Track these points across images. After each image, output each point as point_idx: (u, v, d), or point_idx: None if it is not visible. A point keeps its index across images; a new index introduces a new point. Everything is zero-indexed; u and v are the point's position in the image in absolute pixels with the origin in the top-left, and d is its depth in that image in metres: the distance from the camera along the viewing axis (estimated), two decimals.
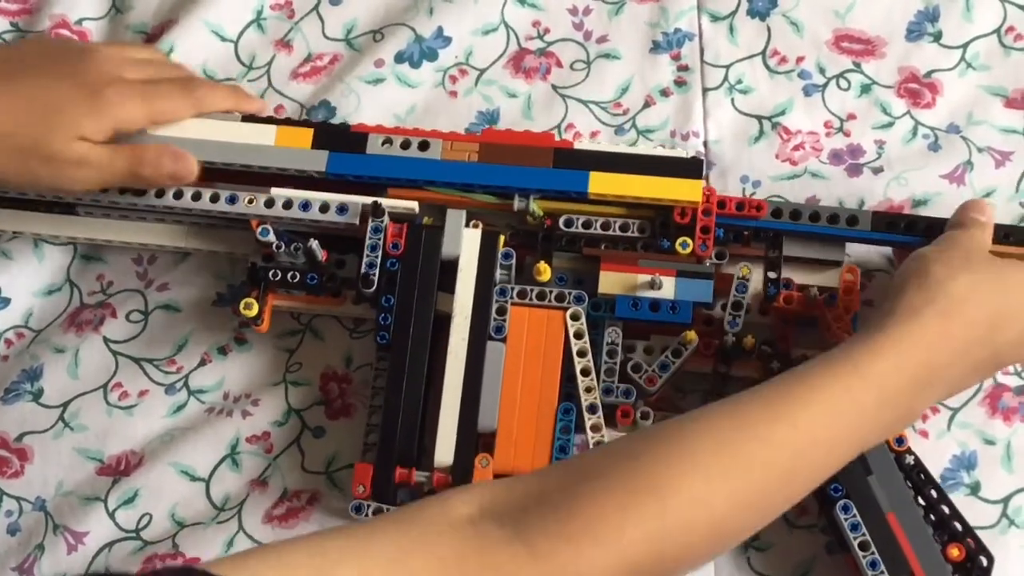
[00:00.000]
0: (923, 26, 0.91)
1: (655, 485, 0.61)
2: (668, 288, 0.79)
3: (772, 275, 0.80)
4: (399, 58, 0.91)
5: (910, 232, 0.80)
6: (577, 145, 0.82)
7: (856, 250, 0.84)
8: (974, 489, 0.80)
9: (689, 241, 0.80)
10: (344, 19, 0.94)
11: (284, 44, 0.93)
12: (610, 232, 0.81)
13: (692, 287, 0.79)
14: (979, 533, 0.78)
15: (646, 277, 0.79)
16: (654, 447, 0.63)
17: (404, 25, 0.92)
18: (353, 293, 0.81)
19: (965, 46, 0.90)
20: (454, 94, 0.91)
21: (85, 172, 0.79)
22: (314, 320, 0.85)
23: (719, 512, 0.62)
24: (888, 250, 0.84)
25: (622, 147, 0.82)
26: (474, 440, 0.77)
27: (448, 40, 0.92)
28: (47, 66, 0.80)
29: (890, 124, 0.88)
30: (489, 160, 0.82)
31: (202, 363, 0.85)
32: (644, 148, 0.81)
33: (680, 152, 0.81)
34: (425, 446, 0.78)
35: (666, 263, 0.79)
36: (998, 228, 0.79)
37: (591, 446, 0.76)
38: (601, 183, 0.80)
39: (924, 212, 0.85)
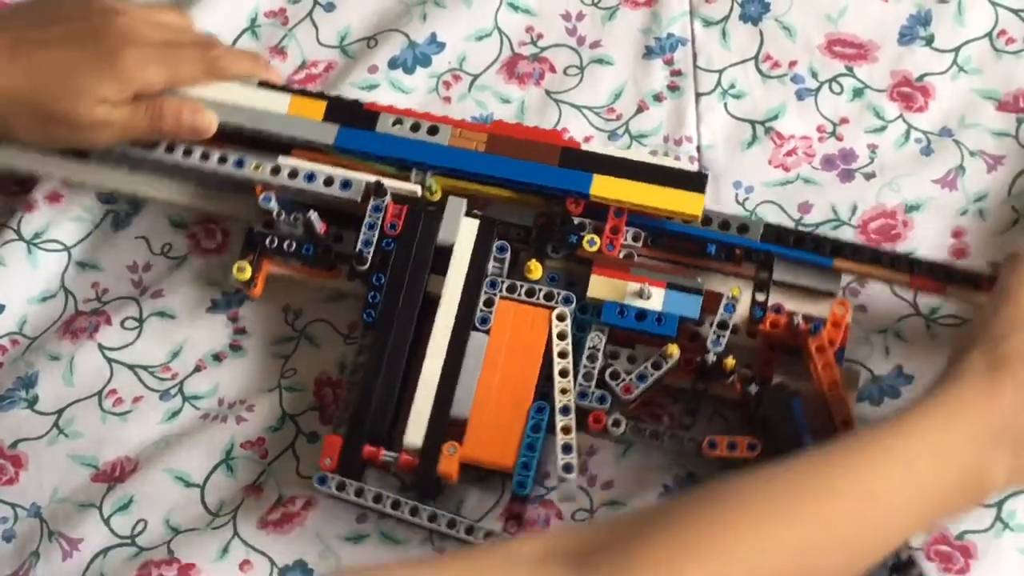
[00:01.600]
0: (915, 30, 0.91)
1: (717, 535, 0.61)
2: (657, 299, 0.79)
3: (760, 297, 0.79)
4: (393, 64, 0.92)
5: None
6: (585, 147, 0.82)
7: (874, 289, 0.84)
8: None
9: (596, 239, 0.80)
10: (338, 26, 0.94)
11: (279, 51, 0.93)
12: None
13: (681, 301, 0.79)
14: (973, 537, 0.78)
15: (636, 286, 0.79)
16: (720, 501, 0.63)
17: (398, 31, 0.93)
18: (347, 268, 0.82)
19: (957, 50, 0.90)
20: (448, 100, 0.91)
21: (106, 132, 0.81)
22: (309, 326, 0.86)
23: (778, 564, 0.62)
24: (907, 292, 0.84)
25: (632, 152, 0.82)
26: (445, 426, 0.77)
27: (441, 46, 0.92)
28: (69, 28, 0.81)
29: (883, 128, 0.89)
30: (496, 151, 0.82)
31: (197, 369, 0.85)
32: (651, 158, 0.81)
33: (686, 165, 0.81)
34: (397, 428, 0.78)
35: (658, 274, 0.79)
36: None
37: (559, 447, 0.76)
38: (603, 187, 0.80)
39: (916, 217, 0.86)
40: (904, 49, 0.91)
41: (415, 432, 0.77)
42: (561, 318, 0.79)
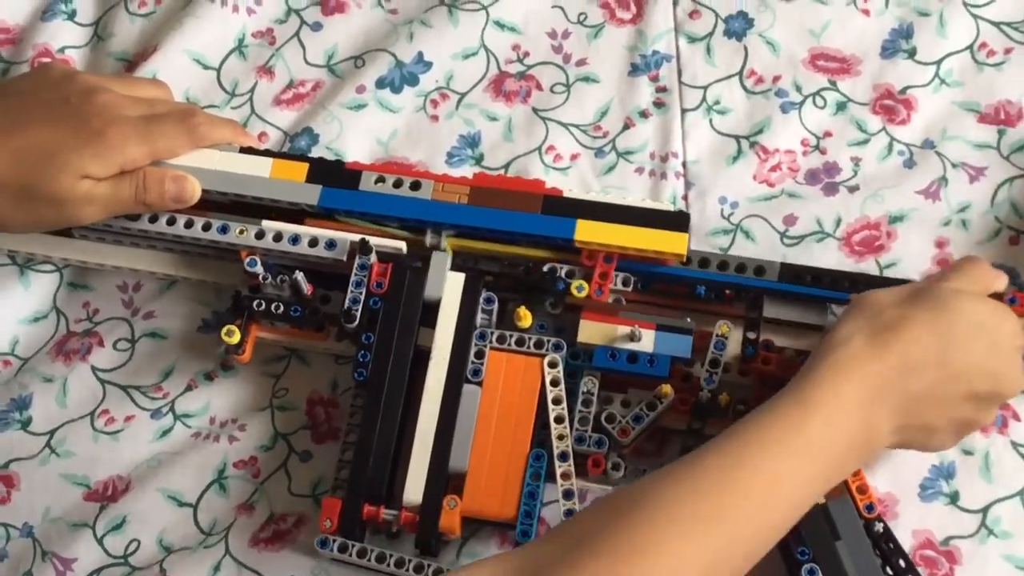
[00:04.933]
0: (897, 43, 0.92)
1: (642, 550, 0.62)
2: (647, 341, 0.79)
3: (751, 335, 0.80)
4: (380, 84, 0.92)
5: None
6: (566, 194, 0.82)
7: None
8: (953, 498, 0.80)
9: (584, 285, 0.80)
10: (325, 46, 0.95)
11: (266, 71, 0.94)
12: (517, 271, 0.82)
13: (671, 341, 0.79)
14: (958, 543, 0.79)
15: (626, 328, 0.79)
16: (637, 509, 0.64)
17: (384, 51, 0.93)
18: (336, 329, 0.82)
19: (939, 62, 0.91)
20: (435, 118, 0.92)
21: (91, 208, 0.81)
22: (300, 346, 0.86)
23: (700, 566, 0.64)
24: None
25: (611, 196, 0.82)
26: (444, 481, 0.77)
27: (428, 65, 0.93)
28: (49, 110, 0.81)
29: (866, 141, 0.89)
30: (479, 203, 0.82)
31: (188, 389, 0.86)
32: (631, 199, 0.82)
33: (667, 205, 0.82)
34: (395, 484, 0.78)
35: (647, 316, 0.80)
36: None
37: (560, 493, 0.77)
38: (587, 231, 0.81)
39: (900, 228, 0.86)
40: (887, 62, 0.92)
41: (414, 489, 0.77)
42: (553, 365, 0.79)
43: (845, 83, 0.91)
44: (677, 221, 0.81)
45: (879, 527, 0.76)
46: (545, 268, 0.81)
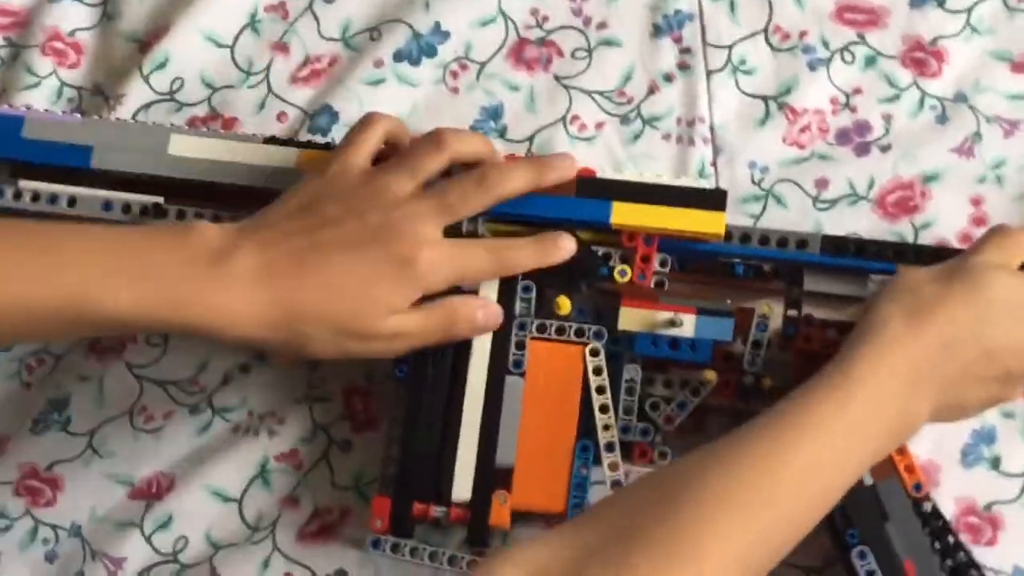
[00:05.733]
0: None
1: (691, 545, 0.62)
2: (688, 326, 0.78)
3: (792, 313, 0.79)
4: (398, 57, 0.90)
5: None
6: (600, 175, 0.81)
7: None
8: (994, 463, 0.80)
9: (627, 269, 0.79)
10: (339, 17, 0.92)
11: (280, 47, 0.92)
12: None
13: (712, 325, 0.78)
14: (1001, 508, 0.79)
15: (666, 314, 0.78)
16: (683, 501, 0.64)
17: (401, 22, 0.91)
18: None
19: (970, 10, 0.89)
20: (456, 90, 0.90)
21: (400, 343, 0.76)
22: None
23: (751, 554, 0.64)
24: None
25: (646, 176, 0.81)
26: (492, 475, 0.77)
27: (446, 35, 0.91)
28: (349, 230, 0.74)
29: (896, 97, 0.88)
30: None
31: (225, 382, 0.86)
32: (666, 178, 0.80)
33: (704, 183, 0.80)
34: (442, 479, 0.78)
35: (687, 300, 0.79)
36: None
37: (609, 484, 0.77)
38: (624, 213, 0.79)
39: (934, 188, 0.85)
40: (915, 12, 0.89)
41: (463, 485, 0.77)
42: (595, 353, 0.79)
43: (874, 36, 0.89)
44: (714, 199, 0.80)
45: (928, 507, 0.76)
46: (590, 253, 0.80)
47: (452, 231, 0.77)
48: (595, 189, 0.80)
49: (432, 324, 0.76)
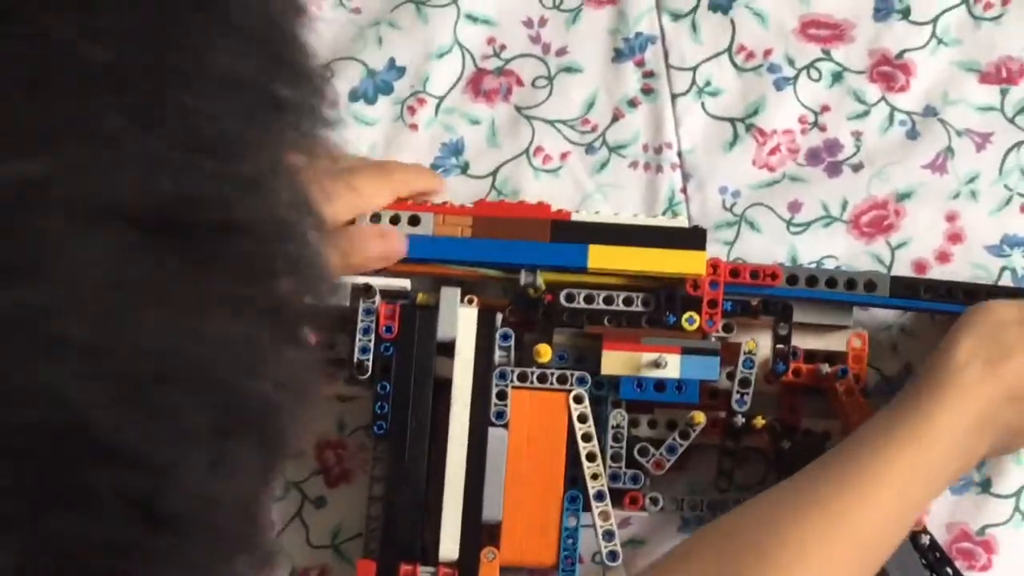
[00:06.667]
0: (891, 3, 0.88)
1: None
2: (673, 366, 0.76)
3: (781, 347, 0.77)
4: (353, 96, 0.87)
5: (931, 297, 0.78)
6: (575, 217, 0.79)
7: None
8: (985, 486, 0.79)
9: (696, 316, 0.77)
10: None
11: None
12: (613, 307, 0.78)
13: (698, 365, 0.76)
14: (994, 531, 0.78)
15: (650, 356, 0.76)
16: (759, 563, 0.64)
17: (354, 59, 0.88)
18: (344, 372, 0.79)
19: (935, 20, 0.87)
20: (415, 127, 0.87)
21: None
22: None
23: None
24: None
25: (622, 216, 0.79)
26: (479, 532, 0.75)
27: (401, 71, 0.88)
28: None
29: (866, 113, 0.86)
30: (483, 234, 0.78)
31: None
32: (642, 218, 0.78)
33: (681, 222, 0.78)
34: (427, 536, 0.76)
35: (670, 340, 0.77)
36: None
37: (600, 535, 0.75)
38: (601, 257, 0.77)
39: (908, 205, 0.84)
40: (881, 25, 0.87)
41: (449, 545, 0.75)
42: (579, 400, 0.77)
43: (839, 51, 0.87)
44: (693, 238, 0.78)
45: (925, 540, 0.75)
46: (651, 301, 0.78)
47: None
48: (570, 233, 0.78)
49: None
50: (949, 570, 0.75)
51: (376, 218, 0.79)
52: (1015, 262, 0.83)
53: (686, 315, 0.77)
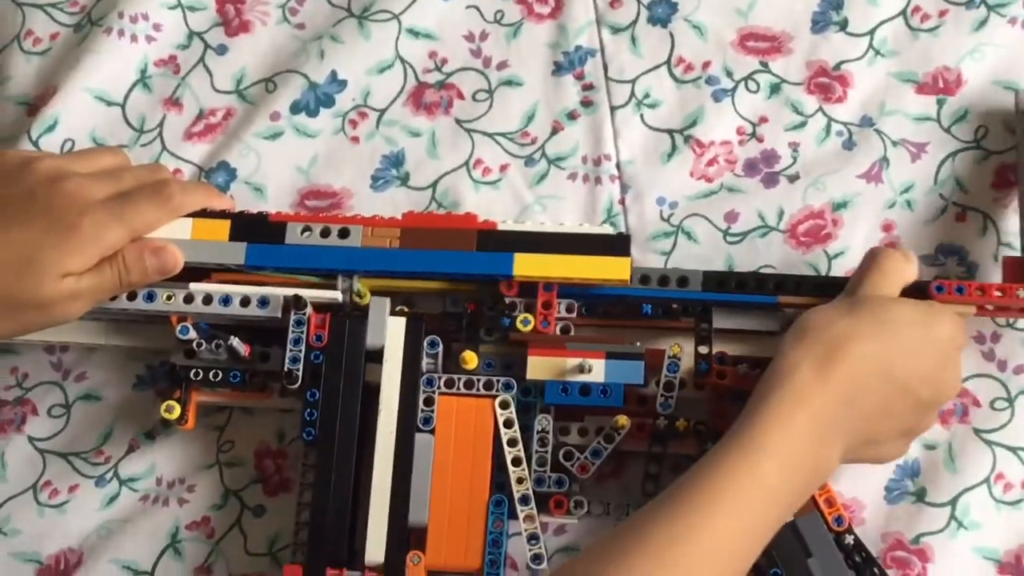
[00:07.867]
0: (828, 15, 0.89)
1: None
2: (598, 371, 0.77)
3: (703, 350, 0.78)
4: (295, 108, 0.88)
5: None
6: (501, 226, 0.79)
7: None
8: (920, 495, 0.79)
9: (530, 318, 0.78)
10: (232, 70, 0.90)
11: (173, 102, 0.90)
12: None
13: (623, 369, 0.77)
14: (929, 539, 0.78)
15: (575, 360, 0.77)
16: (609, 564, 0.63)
17: (296, 72, 0.89)
18: (279, 385, 0.79)
19: (872, 32, 0.88)
20: (356, 139, 0.88)
21: (77, 304, 0.76)
22: None
23: None
24: None
25: (547, 226, 0.79)
26: (405, 536, 0.75)
27: (343, 84, 0.89)
28: (16, 207, 0.75)
29: (803, 124, 0.87)
30: (411, 245, 0.79)
31: (130, 450, 0.83)
32: (569, 226, 0.79)
33: (607, 229, 0.79)
34: (356, 542, 0.76)
35: (595, 345, 0.77)
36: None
37: (525, 538, 0.75)
38: (527, 265, 0.78)
39: (845, 215, 0.84)
40: (818, 37, 0.88)
41: (375, 549, 0.75)
42: (504, 405, 0.77)
43: (777, 63, 0.88)
44: (618, 244, 0.78)
45: (850, 540, 0.75)
46: (486, 307, 0.79)
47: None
48: (496, 242, 0.78)
49: (106, 279, 0.77)
50: (875, 570, 0.75)
51: None
52: (950, 270, 0.83)
53: (521, 316, 0.78)
